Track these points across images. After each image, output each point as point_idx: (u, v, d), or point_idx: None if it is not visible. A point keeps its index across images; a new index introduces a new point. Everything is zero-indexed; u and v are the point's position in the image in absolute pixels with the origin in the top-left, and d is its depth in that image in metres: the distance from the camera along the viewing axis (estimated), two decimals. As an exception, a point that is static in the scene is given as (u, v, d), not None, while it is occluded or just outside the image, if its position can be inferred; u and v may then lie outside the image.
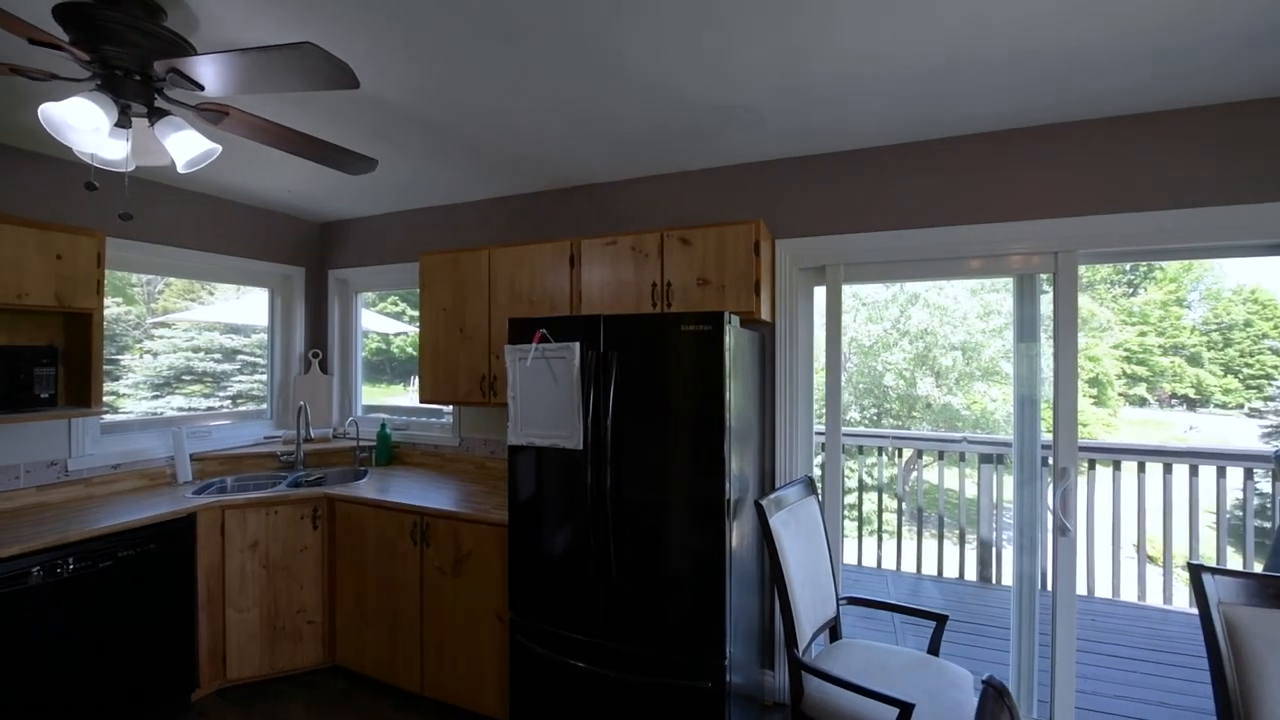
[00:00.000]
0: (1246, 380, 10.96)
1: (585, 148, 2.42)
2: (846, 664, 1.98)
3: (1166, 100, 1.97)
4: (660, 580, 1.87)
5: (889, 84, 1.87)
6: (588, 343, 1.91)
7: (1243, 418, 10.58)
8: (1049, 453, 2.15)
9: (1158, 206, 2.04)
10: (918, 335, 8.50)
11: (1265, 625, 1.32)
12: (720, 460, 1.77)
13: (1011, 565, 2.32)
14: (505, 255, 2.63)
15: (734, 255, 2.22)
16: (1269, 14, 1.48)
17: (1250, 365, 10.94)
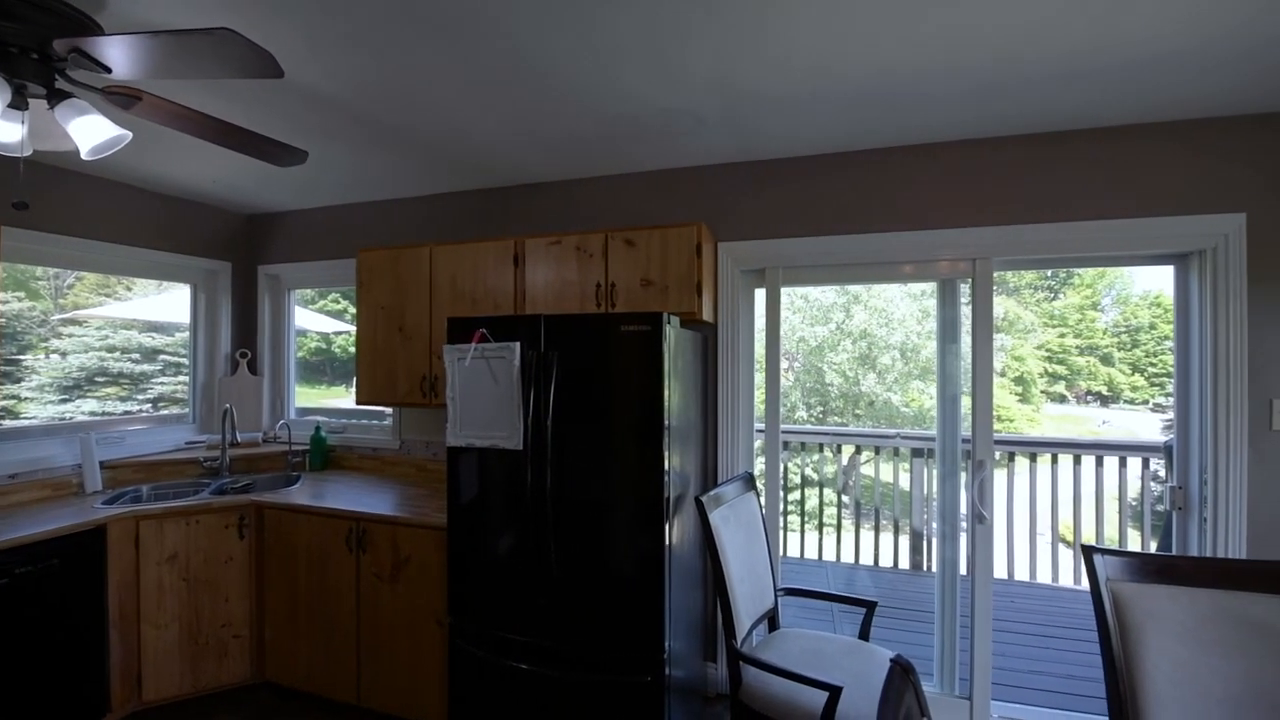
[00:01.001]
0: (1151, 378, 11.98)
1: (528, 146, 2.41)
2: (783, 652, 2.05)
3: (1070, 121, 2.14)
4: (601, 578, 1.89)
5: (823, 95, 1.95)
6: (528, 342, 1.91)
7: (1148, 412, 11.56)
8: (970, 446, 2.29)
9: (1063, 218, 2.22)
10: (860, 336, 8.87)
11: (1145, 598, 1.45)
12: (659, 458, 1.80)
13: (940, 552, 2.46)
14: (447, 253, 2.58)
15: (677, 257, 2.26)
16: (1151, 44, 1.64)
17: (1154, 364, 11.95)
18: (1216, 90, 1.89)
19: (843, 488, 5.56)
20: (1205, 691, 1.38)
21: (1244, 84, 1.85)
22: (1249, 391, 2.04)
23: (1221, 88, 1.87)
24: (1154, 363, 11.91)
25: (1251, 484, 2.04)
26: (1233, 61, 1.71)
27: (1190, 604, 1.43)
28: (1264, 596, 1.40)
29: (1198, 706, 1.38)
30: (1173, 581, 1.46)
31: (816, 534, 4.40)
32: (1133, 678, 1.43)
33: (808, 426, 8.04)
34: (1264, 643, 1.39)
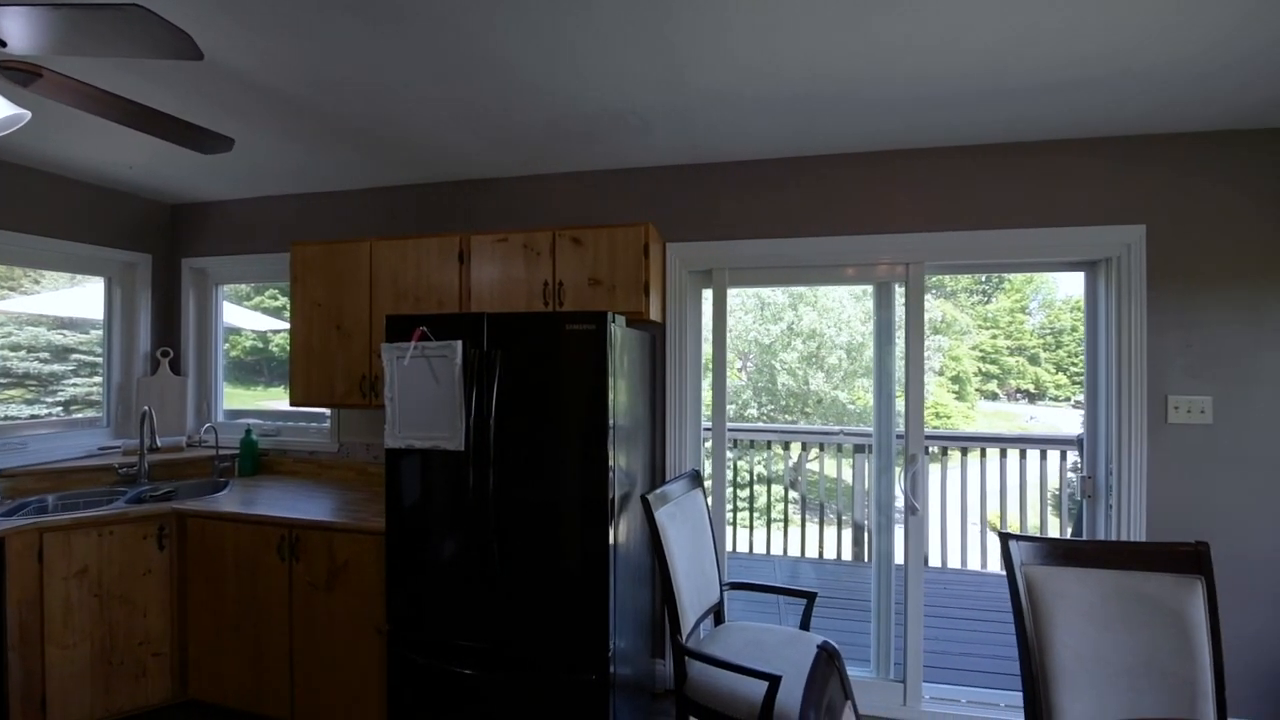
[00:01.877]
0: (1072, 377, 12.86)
1: (475, 141, 2.37)
2: (727, 645, 2.09)
3: (997, 135, 2.28)
4: (545, 579, 1.87)
5: (766, 99, 2.00)
6: (471, 341, 1.87)
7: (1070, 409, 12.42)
8: (904, 441, 2.40)
9: (989, 226, 2.36)
10: (810, 336, 9.14)
11: (1054, 580, 1.57)
12: (604, 458, 1.80)
13: (875, 543, 2.57)
14: (389, 248, 2.50)
15: (624, 256, 2.27)
16: (1060, 71, 1.77)
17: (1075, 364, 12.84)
18: (1125, 112, 2.05)
19: (792, 484, 5.72)
20: (1106, 663, 1.50)
21: (1148, 108, 2.01)
22: (1148, 388, 2.23)
23: (1130, 110, 2.04)
24: (1074, 362, 12.81)
25: (1150, 473, 2.23)
26: (1141, 87, 1.86)
27: (1094, 584, 1.55)
28: (1156, 575, 1.54)
29: (1099, 678, 1.49)
30: (1078, 564, 1.58)
31: (767, 530, 4.51)
32: (1043, 654, 1.53)
33: (756, 424, 8.21)
34: (1156, 617, 1.52)
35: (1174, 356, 2.22)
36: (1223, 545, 2.16)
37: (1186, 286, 2.22)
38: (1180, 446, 2.22)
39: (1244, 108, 2.02)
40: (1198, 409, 2.20)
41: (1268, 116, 2.09)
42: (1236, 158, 2.19)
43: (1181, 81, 1.84)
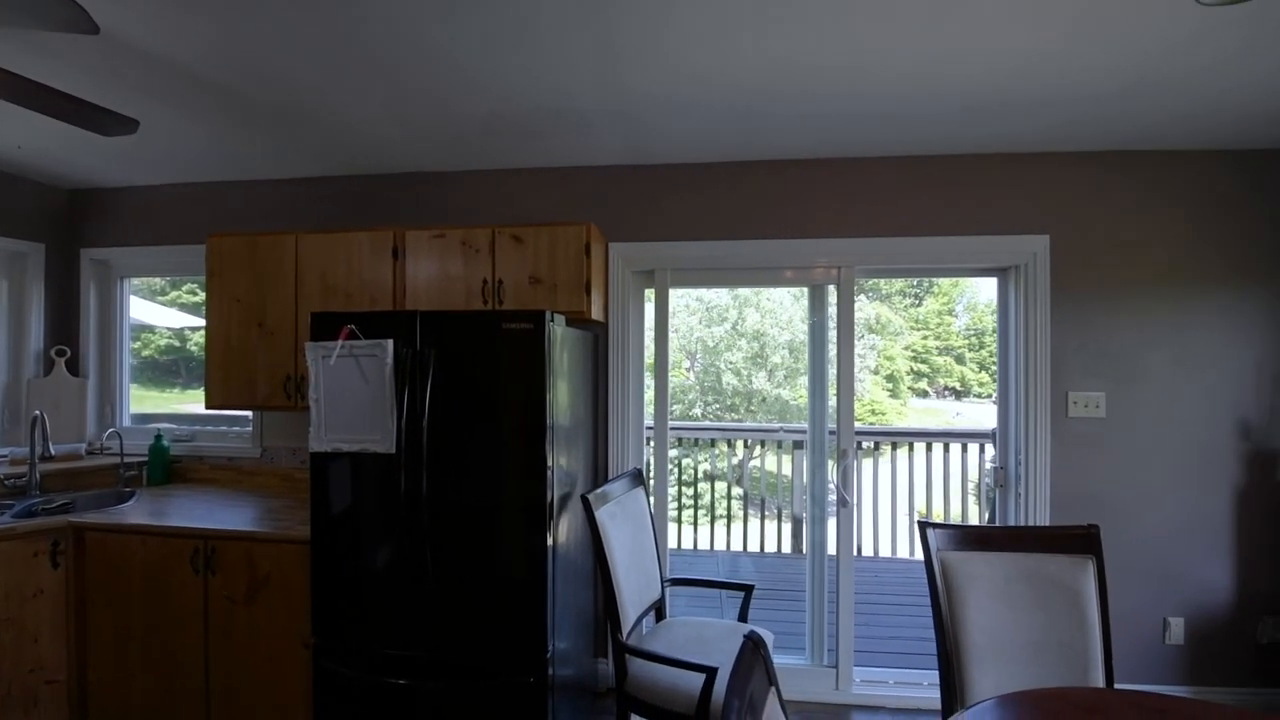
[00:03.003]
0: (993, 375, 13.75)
1: (410, 133, 2.29)
2: (668, 640, 2.11)
3: (918, 148, 2.41)
4: (482, 583, 1.84)
5: (700, 107, 2.04)
6: (403, 340, 1.81)
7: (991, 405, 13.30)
8: (836, 437, 2.51)
9: (913, 233, 2.49)
10: (754, 336, 9.38)
11: (965, 564, 1.68)
12: (542, 458, 1.79)
13: (809, 535, 2.67)
14: (316, 242, 2.38)
15: (565, 255, 2.25)
16: (977, 94, 1.90)
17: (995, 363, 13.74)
18: (1034, 129, 2.22)
19: (737, 480, 5.85)
20: (1011, 639, 1.62)
21: (1052, 126, 2.18)
22: (1051, 385, 2.42)
23: (1036, 128, 2.20)
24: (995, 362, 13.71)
25: (1054, 463, 2.43)
26: (1046, 108, 2.02)
27: (1001, 566, 1.67)
28: (1054, 556, 1.67)
29: (1006, 653, 1.61)
30: (987, 548, 1.69)
31: (714, 526, 4.59)
32: (957, 633, 1.64)
33: (702, 423, 8.35)
34: (1055, 594, 1.65)
35: (1073, 356, 2.43)
36: (1111, 527, 2.37)
37: (1084, 292, 2.43)
38: (1078, 439, 2.42)
39: (1135, 131, 2.23)
40: (1093, 404, 2.41)
41: (1156, 139, 2.31)
42: (1129, 176, 2.42)
43: (1078, 106, 2.01)
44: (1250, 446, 2.38)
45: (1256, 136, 2.27)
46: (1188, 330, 2.40)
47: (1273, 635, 2.37)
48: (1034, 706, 1.31)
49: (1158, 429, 2.40)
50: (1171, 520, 2.40)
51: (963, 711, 1.32)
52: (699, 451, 4.79)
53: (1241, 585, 2.39)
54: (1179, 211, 2.40)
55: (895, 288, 13.74)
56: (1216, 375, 2.39)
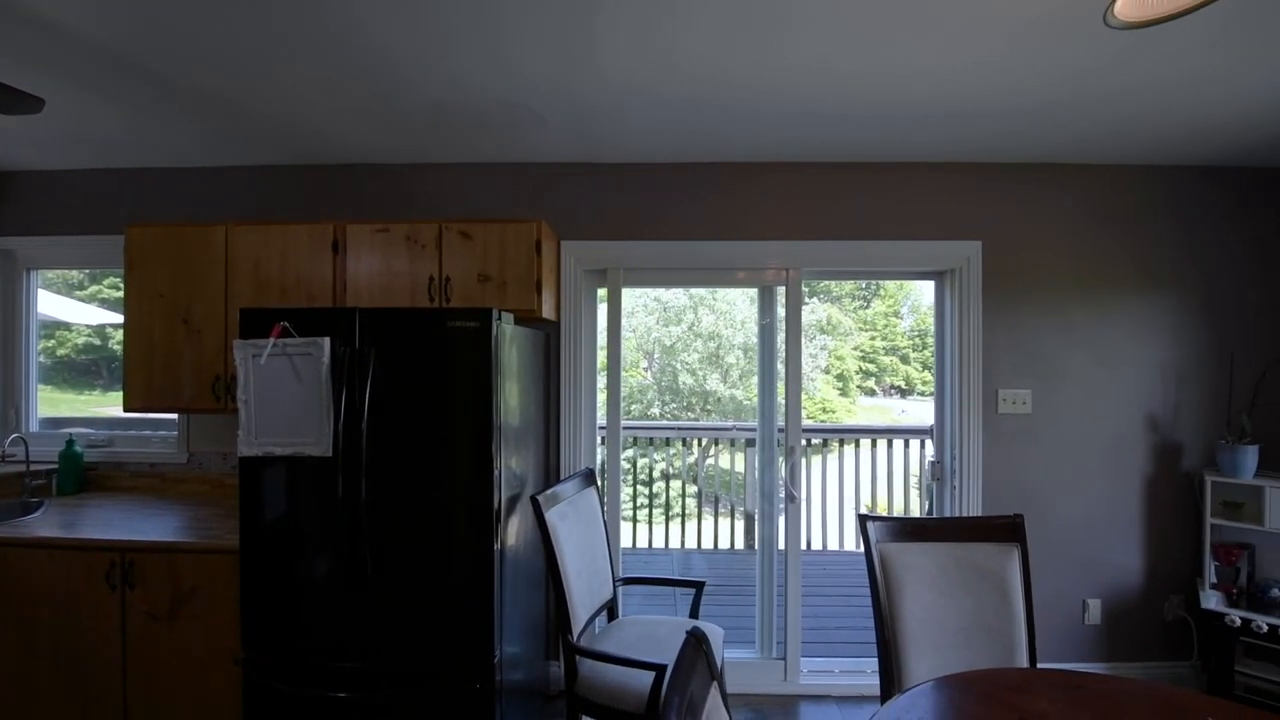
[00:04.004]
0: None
1: (354, 123, 2.20)
2: (619, 640, 2.11)
3: (863, 154, 2.49)
4: (426, 590, 1.78)
5: (652, 108, 2.05)
6: (341, 338, 1.73)
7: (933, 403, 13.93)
8: (784, 434, 2.57)
9: (858, 237, 2.58)
10: (710, 336, 9.50)
11: (903, 555, 1.75)
12: (488, 460, 1.75)
13: (758, 531, 2.72)
14: (249, 235, 2.26)
15: (516, 253, 2.21)
16: (915, 105, 1.97)
17: (936, 362, 14.39)
18: (968, 141, 2.33)
19: (694, 479, 5.90)
20: (944, 625, 1.69)
21: (985, 138, 2.30)
22: (983, 383, 2.55)
23: (971, 139, 2.31)
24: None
25: (985, 457, 2.56)
26: (980, 120, 2.12)
27: (935, 556, 1.75)
28: (983, 545, 1.76)
29: (939, 638, 1.68)
30: (923, 539, 1.77)
31: (669, 524, 4.62)
32: (894, 620, 1.70)
33: (657, 422, 8.40)
34: (983, 581, 1.74)
35: (1003, 356, 2.57)
36: (1037, 517, 2.53)
37: (1013, 296, 2.57)
38: (1008, 433, 2.56)
39: (1060, 145, 2.38)
40: (1021, 401, 2.56)
41: (1079, 154, 2.47)
42: (1055, 188, 2.58)
43: (1007, 120, 2.13)
44: (1158, 439, 2.58)
45: (1168, 154, 2.46)
46: (1104, 332, 2.58)
47: (1177, 612, 2.57)
48: (965, 688, 1.38)
49: (1078, 424, 2.57)
50: (1091, 508, 2.58)
51: (898, 696, 1.37)
52: (655, 451, 4.80)
53: (1151, 567, 2.59)
54: (1098, 222, 2.58)
55: (845, 290, 14.21)
56: (1129, 374, 2.58)
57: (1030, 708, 1.27)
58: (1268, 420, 2.47)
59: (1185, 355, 2.58)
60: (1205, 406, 2.56)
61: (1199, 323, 2.58)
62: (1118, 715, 1.25)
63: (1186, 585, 2.55)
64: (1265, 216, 2.59)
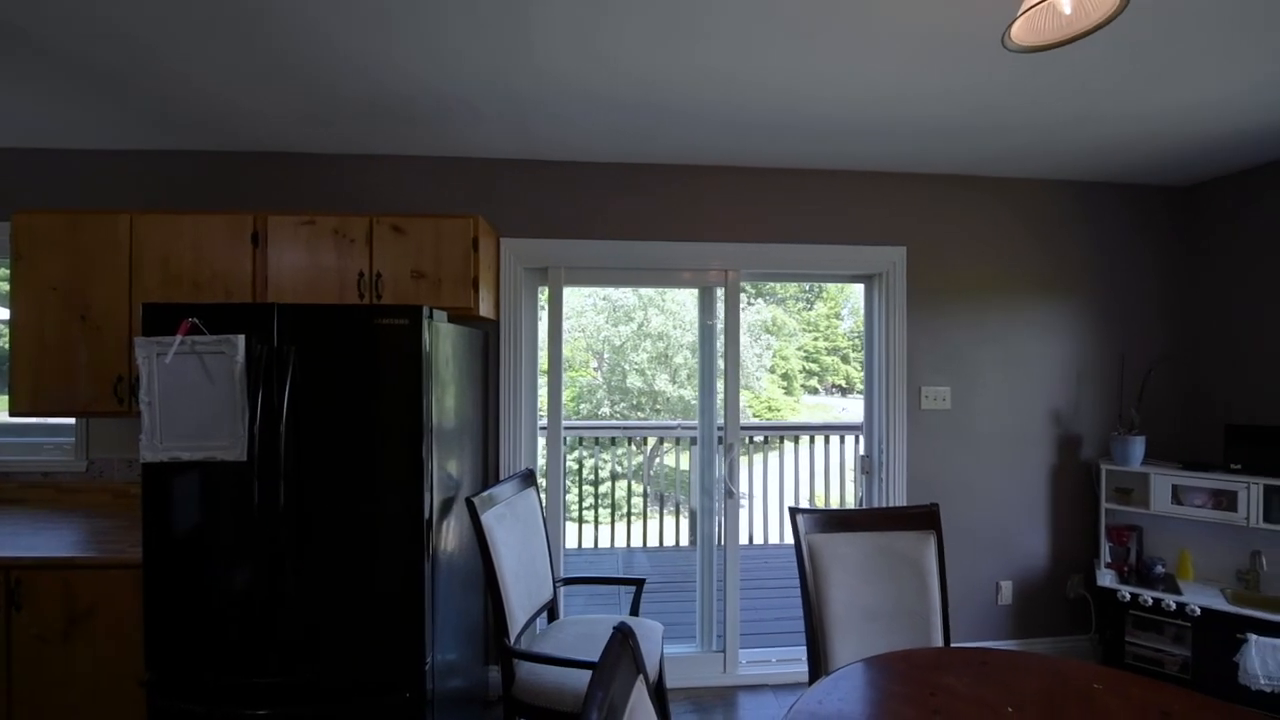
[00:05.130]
0: (873, 373, 15.06)
1: (276, 110, 2.09)
2: (559, 641, 2.10)
3: (798, 161, 2.58)
4: (352, 599, 1.71)
5: (592, 107, 2.05)
6: (259, 336, 1.64)
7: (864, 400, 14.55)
8: (723, 432, 2.62)
9: (793, 240, 2.67)
10: (659, 336, 9.58)
11: (830, 545, 1.82)
12: (418, 463, 1.70)
13: (699, 527, 2.77)
14: (158, 224, 2.10)
15: (451, 249, 2.16)
16: (840, 117, 2.06)
17: (872, 362, 15.02)
18: (894, 151, 2.45)
19: (644, 478, 5.93)
20: (867, 611, 1.78)
21: (908, 150, 2.43)
22: (908, 381, 2.70)
23: (896, 150, 2.44)
24: (875, 360, 15.01)
25: (909, 450, 2.71)
26: (901, 131, 2.24)
27: (859, 545, 1.83)
28: (903, 533, 1.86)
29: (863, 623, 1.77)
30: (848, 529, 1.85)
31: (614, 524, 4.63)
32: (821, 608, 1.77)
33: (604, 421, 8.41)
34: (903, 568, 1.83)
35: (925, 355, 2.72)
36: (956, 506, 2.70)
37: (934, 299, 2.73)
38: (929, 428, 2.72)
39: (975, 159, 2.54)
40: (941, 398, 2.72)
41: (991, 168, 2.65)
42: (971, 198, 2.75)
43: (926, 138, 2.26)
44: (1061, 432, 2.81)
45: (1075, 170, 2.67)
46: (1015, 333, 2.78)
47: (1078, 590, 2.80)
48: (883, 668, 1.45)
49: (992, 419, 2.76)
50: (1003, 497, 2.77)
51: (823, 679, 1.43)
52: (602, 451, 4.81)
53: (1055, 549, 2.81)
54: (1009, 231, 2.77)
55: (789, 292, 14.67)
56: (1036, 372, 2.79)
57: (940, 683, 1.36)
58: (1153, 414, 2.74)
59: (1085, 355, 2.82)
60: (1101, 402, 2.81)
61: (1098, 326, 2.82)
62: (1016, 685, 1.35)
63: (1086, 565, 2.78)
64: (1162, 230, 2.86)
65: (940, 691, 1.32)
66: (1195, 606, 2.31)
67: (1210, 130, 2.21)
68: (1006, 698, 1.30)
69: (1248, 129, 2.19)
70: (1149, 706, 1.27)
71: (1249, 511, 2.33)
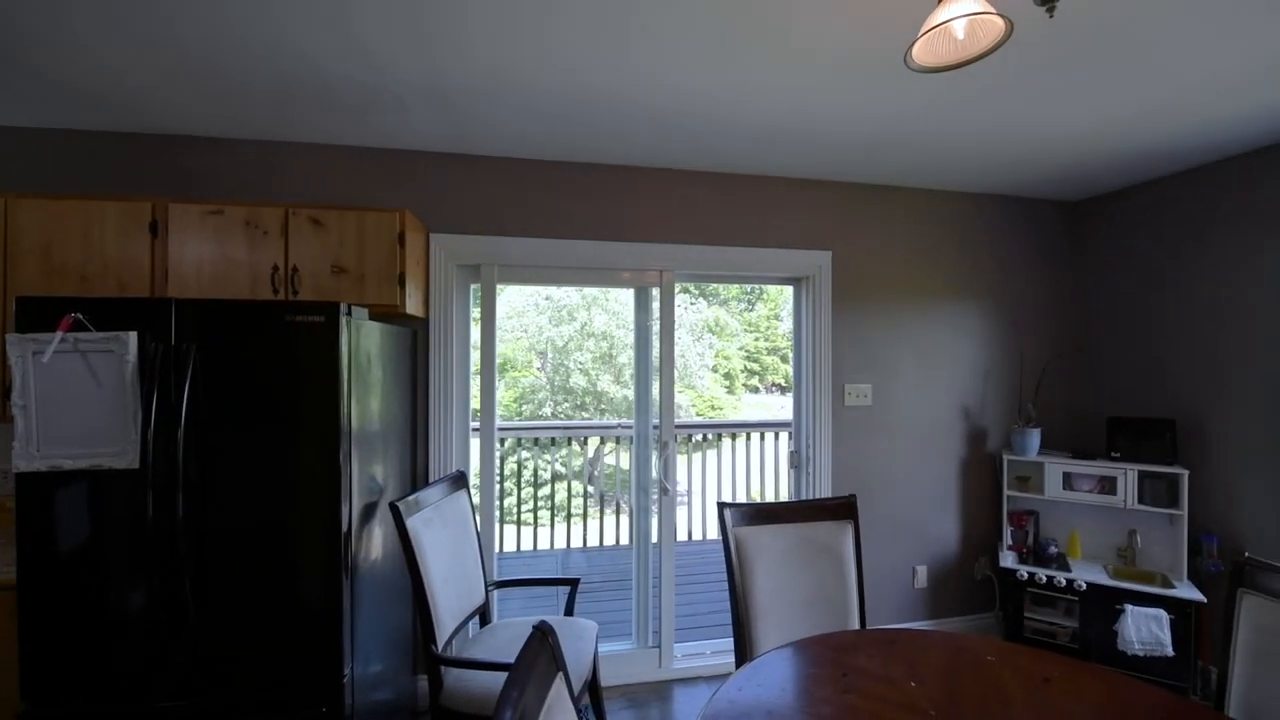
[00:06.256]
0: (810, 372, 15.63)
1: (180, 87, 1.93)
2: (490, 645, 2.06)
3: (731, 165, 2.65)
4: (263, 614, 1.61)
5: (523, 105, 2.03)
6: (154, 333, 1.52)
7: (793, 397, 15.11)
8: (658, 430, 2.65)
9: (726, 242, 2.74)
10: (602, 336, 9.56)
11: (756, 537, 1.89)
12: (335, 468, 1.62)
13: (635, 525, 2.79)
14: (38, 209, 1.90)
15: (376, 244, 2.08)
16: (758, 126, 2.13)
17: (809, 361, 15.60)
18: (819, 160, 2.56)
19: (589, 478, 5.91)
20: (790, 599, 1.85)
21: (832, 158, 2.54)
22: (832, 379, 2.83)
23: (821, 158, 2.55)
24: (812, 360, 15.61)
25: (834, 444, 2.84)
26: (825, 144, 2.34)
27: (783, 536, 1.91)
28: (823, 523, 1.95)
29: (785, 611, 1.84)
30: (772, 521, 1.92)
31: (555, 525, 4.58)
32: (747, 597, 1.83)
33: (545, 421, 8.34)
34: (823, 556, 1.92)
35: (849, 354, 2.86)
36: (876, 496, 2.85)
37: (857, 300, 2.88)
38: (852, 423, 2.86)
39: (894, 170, 2.70)
40: (863, 394, 2.87)
41: (908, 179, 2.82)
42: (890, 207, 2.92)
43: (845, 146, 2.38)
44: (969, 425, 3.02)
45: (981, 183, 2.88)
46: (929, 334, 2.97)
47: (984, 571, 3.03)
48: (801, 651, 1.52)
49: (909, 413, 2.94)
50: (919, 486, 2.95)
51: (744, 667, 1.48)
52: (543, 452, 4.75)
53: (964, 534, 3.02)
54: (924, 239, 2.96)
55: (732, 294, 15.01)
56: (948, 370, 2.99)
57: (853, 663, 1.44)
58: (1048, 408, 3.00)
59: (991, 355, 3.05)
60: (1004, 398, 3.05)
61: (1000, 326, 3.06)
62: (920, 662, 1.45)
63: (991, 548, 3.01)
64: (1055, 240, 3.14)
65: (852, 671, 1.40)
66: (1082, 582, 2.54)
67: (1092, 152, 2.45)
68: (911, 673, 1.39)
69: (1125, 152, 2.44)
70: (1034, 674, 1.40)
71: (1126, 495, 2.60)
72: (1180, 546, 2.52)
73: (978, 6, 1.17)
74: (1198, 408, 2.60)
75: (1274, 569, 1.39)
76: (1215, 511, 2.53)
